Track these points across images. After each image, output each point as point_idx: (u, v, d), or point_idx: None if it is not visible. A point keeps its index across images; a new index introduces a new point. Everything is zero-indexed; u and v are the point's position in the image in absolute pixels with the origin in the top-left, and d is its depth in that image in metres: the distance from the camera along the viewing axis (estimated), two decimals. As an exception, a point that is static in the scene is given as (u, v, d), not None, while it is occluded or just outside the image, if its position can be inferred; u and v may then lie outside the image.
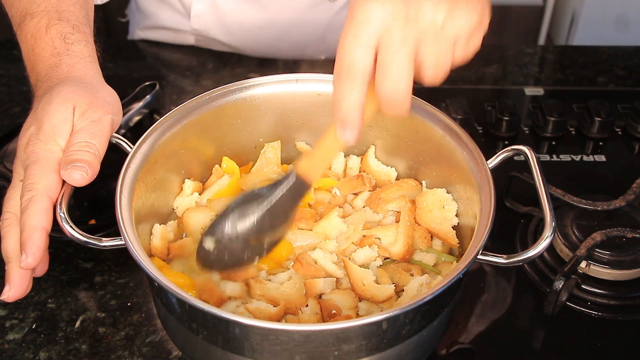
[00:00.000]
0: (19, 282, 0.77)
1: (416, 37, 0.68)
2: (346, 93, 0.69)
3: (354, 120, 0.70)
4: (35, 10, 0.93)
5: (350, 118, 0.70)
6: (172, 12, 1.48)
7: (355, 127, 0.70)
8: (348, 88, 0.69)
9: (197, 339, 0.78)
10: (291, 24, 1.41)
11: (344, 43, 0.69)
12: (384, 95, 0.69)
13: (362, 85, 0.69)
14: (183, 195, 0.96)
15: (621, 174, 1.18)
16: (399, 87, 0.68)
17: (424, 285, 0.84)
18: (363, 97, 0.69)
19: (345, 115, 0.70)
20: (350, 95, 0.69)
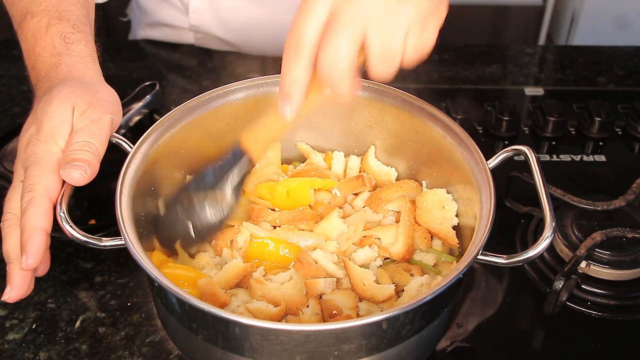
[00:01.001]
0: (20, 283, 0.77)
1: (362, 20, 0.67)
2: (289, 67, 0.70)
3: (294, 96, 0.71)
4: (35, 9, 0.93)
5: (291, 93, 0.71)
6: (171, 9, 1.48)
7: (295, 102, 0.71)
8: (292, 63, 0.70)
9: (197, 339, 0.78)
10: (288, 19, 1.41)
11: (294, 20, 0.70)
12: (322, 72, 0.69)
13: (306, 60, 0.69)
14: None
15: (621, 174, 1.19)
16: (338, 67, 0.68)
17: (424, 285, 0.84)
18: (306, 73, 0.70)
19: (286, 89, 0.71)
20: (292, 70, 0.70)
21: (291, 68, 0.70)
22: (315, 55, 0.69)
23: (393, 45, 0.69)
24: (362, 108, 0.97)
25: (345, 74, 0.68)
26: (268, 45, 1.47)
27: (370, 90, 0.96)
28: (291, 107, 0.72)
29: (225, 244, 0.88)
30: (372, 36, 0.68)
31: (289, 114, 0.72)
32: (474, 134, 1.22)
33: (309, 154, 1.03)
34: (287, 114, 0.72)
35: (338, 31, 0.68)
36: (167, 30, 1.52)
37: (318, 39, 0.69)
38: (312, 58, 0.69)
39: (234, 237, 0.89)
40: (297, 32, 0.70)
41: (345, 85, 0.69)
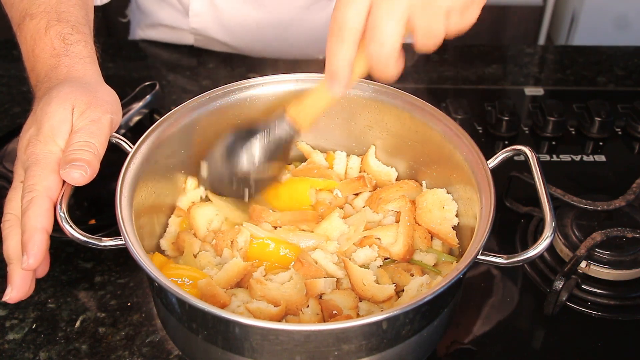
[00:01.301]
0: (20, 284, 0.77)
1: (407, 5, 0.71)
2: (336, 50, 0.74)
3: (342, 75, 0.75)
4: (34, 11, 0.93)
5: (339, 73, 0.75)
6: (171, 10, 1.48)
7: (343, 81, 0.76)
8: (338, 45, 0.73)
9: (197, 339, 0.78)
10: (289, 22, 1.41)
11: (338, 3, 0.73)
12: (371, 56, 0.73)
13: (352, 43, 0.73)
14: (186, 192, 0.96)
15: (621, 174, 1.19)
16: (385, 50, 0.72)
17: (424, 285, 0.84)
18: (351, 55, 0.74)
19: (334, 69, 0.75)
20: (339, 52, 0.74)
21: (337, 50, 0.74)
22: (359, 38, 0.73)
23: (436, 26, 0.73)
24: (362, 108, 0.98)
25: (392, 55, 0.73)
26: (268, 48, 1.47)
27: (371, 91, 0.96)
28: (340, 85, 0.76)
29: (225, 244, 0.88)
30: (417, 20, 0.72)
31: (337, 92, 0.77)
32: (474, 134, 1.22)
33: (310, 153, 1.03)
34: (336, 92, 0.77)
35: (384, 17, 0.71)
36: (167, 32, 1.52)
37: (362, 23, 0.73)
38: (357, 41, 0.73)
39: (235, 237, 0.89)
40: (341, 15, 0.73)
41: (392, 66, 0.74)
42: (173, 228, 0.93)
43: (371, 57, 0.74)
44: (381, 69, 0.75)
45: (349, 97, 0.97)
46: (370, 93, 0.96)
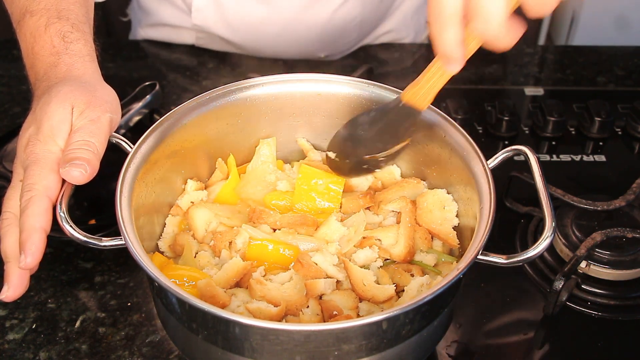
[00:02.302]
0: (17, 282, 0.77)
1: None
2: (442, 34, 0.72)
3: (456, 54, 0.74)
4: (34, 8, 0.93)
5: (451, 54, 0.73)
6: (173, 8, 1.48)
7: (459, 59, 0.74)
8: (443, 30, 0.72)
9: (197, 339, 0.78)
10: (291, 19, 1.41)
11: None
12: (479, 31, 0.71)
13: (456, 25, 0.71)
14: (186, 193, 0.96)
15: (621, 174, 1.19)
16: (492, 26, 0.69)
17: (424, 285, 0.83)
18: (459, 35, 0.72)
19: (445, 51, 0.73)
20: (446, 36, 0.72)
21: (444, 35, 0.72)
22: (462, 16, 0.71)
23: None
24: (362, 108, 0.97)
25: (501, 26, 0.70)
26: (270, 45, 1.47)
27: (370, 90, 0.96)
28: (456, 64, 0.75)
29: (223, 245, 0.88)
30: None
31: (456, 69, 0.76)
32: (474, 134, 1.22)
33: (308, 151, 1.03)
34: (455, 70, 0.76)
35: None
36: (168, 30, 1.52)
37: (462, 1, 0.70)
38: (461, 20, 0.71)
39: (233, 238, 0.89)
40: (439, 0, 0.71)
41: (504, 37, 0.70)
42: (171, 229, 0.93)
43: (479, 34, 0.71)
44: (493, 42, 0.71)
45: (348, 96, 0.97)
46: (370, 93, 0.96)
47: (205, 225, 0.92)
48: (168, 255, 0.91)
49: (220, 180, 0.99)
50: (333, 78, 0.97)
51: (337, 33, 1.46)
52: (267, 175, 0.97)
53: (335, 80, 0.97)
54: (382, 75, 1.44)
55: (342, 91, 0.97)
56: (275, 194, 0.94)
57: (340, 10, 1.42)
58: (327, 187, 0.93)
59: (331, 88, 0.97)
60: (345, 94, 0.97)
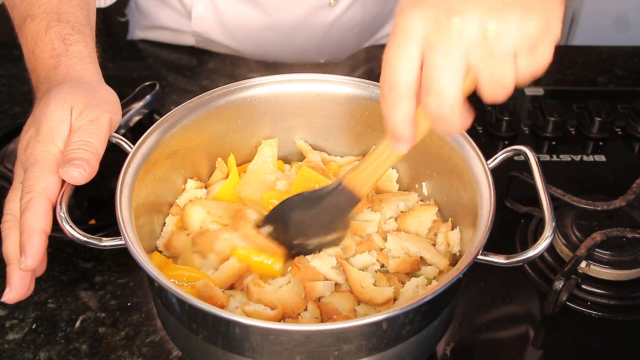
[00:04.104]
0: (19, 284, 0.77)
1: (463, 50, 0.63)
2: (393, 108, 0.68)
3: (405, 133, 0.69)
4: (35, 12, 0.93)
5: (400, 131, 0.69)
6: (172, 12, 1.48)
7: (407, 139, 0.70)
8: (394, 103, 0.67)
9: (197, 339, 0.78)
10: (291, 27, 1.41)
11: (386, 57, 0.67)
12: (430, 111, 0.66)
13: (408, 99, 0.67)
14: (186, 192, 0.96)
15: (621, 174, 1.19)
16: (445, 104, 0.65)
17: (419, 286, 0.84)
18: (410, 111, 0.67)
19: (394, 128, 0.69)
20: (397, 110, 0.67)
21: (394, 108, 0.68)
22: (416, 91, 0.67)
23: (502, 72, 0.64)
24: (362, 108, 0.97)
25: (454, 108, 0.65)
26: (270, 52, 1.47)
27: (370, 90, 0.96)
28: (404, 143, 0.71)
29: (207, 248, 0.88)
30: (479, 66, 0.64)
31: (403, 150, 0.72)
32: (474, 134, 1.22)
33: (307, 152, 1.03)
34: (401, 150, 0.72)
35: (438, 67, 0.64)
36: (167, 33, 1.52)
37: (416, 75, 0.66)
38: (414, 95, 0.67)
39: (213, 241, 0.88)
40: (391, 70, 0.66)
41: (456, 119, 0.66)
42: (170, 228, 0.93)
43: (430, 111, 0.66)
44: (444, 124, 0.67)
45: (348, 96, 0.97)
46: (370, 93, 0.96)
47: (200, 223, 0.92)
48: (167, 254, 0.91)
49: (220, 179, 0.99)
50: (333, 78, 0.97)
51: (337, 41, 1.46)
52: (267, 175, 0.97)
53: (335, 80, 0.97)
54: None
55: (342, 91, 0.97)
56: (273, 193, 0.94)
57: (340, 18, 1.42)
58: None
59: (331, 88, 0.97)
60: (345, 94, 0.97)
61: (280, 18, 1.40)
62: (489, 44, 0.63)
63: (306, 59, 1.49)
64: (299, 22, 1.40)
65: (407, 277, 0.87)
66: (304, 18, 1.40)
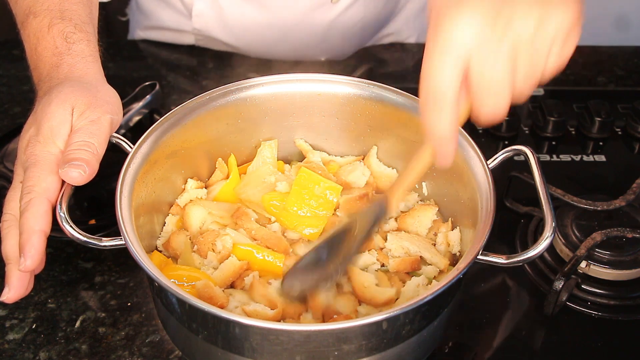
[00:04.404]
0: (18, 284, 0.77)
1: (510, 50, 0.63)
2: (439, 120, 0.66)
3: (450, 142, 0.67)
4: (38, 9, 0.93)
5: (447, 141, 0.67)
6: (172, 11, 1.48)
7: (452, 146, 0.68)
8: (440, 115, 0.66)
9: (197, 339, 0.78)
10: (292, 24, 1.41)
11: (429, 66, 0.65)
12: (484, 115, 0.66)
13: (454, 110, 0.65)
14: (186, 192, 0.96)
15: (621, 174, 1.19)
16: (500, 105, 0.65)
17: (420, 286, 0.84)
18: (455, 121, 0.66)
19: (443, 139, 0.67)
20: (442, 121, 0.66)
21: (440, 120, 0.66)
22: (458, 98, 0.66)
23: (538, 66, 0.66)
24: (362, 108, 0.97)
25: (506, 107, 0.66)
26: (271, 49, 1.47)
27: (370, 90, 0.96)
28: (450, 155, 0.69)
29: (207, 247, 0.88)
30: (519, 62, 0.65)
31: (449, 163, 0.70)
32: (474, 134, 1.22)
33: (307, 152, 1.03)
34: (448, 163, 0.70)
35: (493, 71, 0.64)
36: (168, 33, 1.52)
37: (459, 83, 0.65)
38: (457, 104, 0.66)
39: (214, 240, 0.88)
40: (436, 80, 0.65)
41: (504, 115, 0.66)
42: (170, 228, 0.93)
43: (485, 115, 0.66)
44: (494, 120, 0.67)
45: (348, 96, 0.97)
46: (370, 93, 0.96)
47: (199, 223, 0.92)
48: (166, 254, 0.91)
49: (221, 180, 0.99)
50: (333, 78, 0.97)
51: (339, 38, 1.46)
52: (267, 176, 0.97)
53: (335, 80, 0.97)
54: (383, 75, 1.44)
55: (342, 91, 0.97)
56: (274, 194, 0.94)
57: (342, 16, 1.42)
58: (322, 193, 0.93)
59: (331, 88, 0.97)
60: (345, 94, 0.97)
61: (281, 15, 1.39)
62: (531, 40, 0.63)
63: (307, 56, 1.49)
64: (300, 19, 1.40)
65: (408, 277, 0.87)
66: (305, 15, 1.40)
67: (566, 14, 0.64)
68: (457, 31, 0.63)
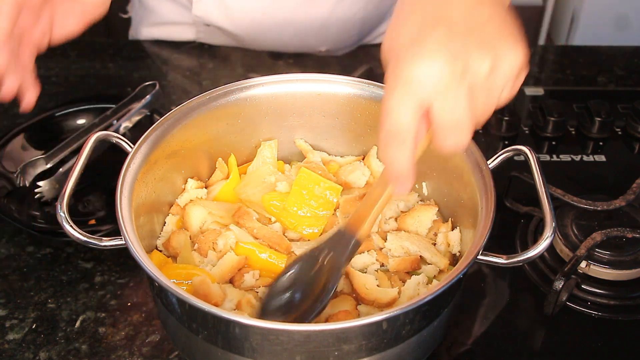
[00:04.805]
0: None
1: (469, 91, 0.66)
2: (397, 156, 0.68)
3: (408, 177, 0.69)
4: None
5: (406, 174, 0.69)
6: (173, 4, 1.48)
7: (409, 181, 0.70)
8: (398, 151, 0.67)
9: (197, 339, 0.78)
10: (293, 10, 1.41)
11: (390, 105, 0.67)
12: (447, 148, 0.68)
13: (412, 146, 0.67)
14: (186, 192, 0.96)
15: (621, 174, 1.19)
16: (463, 139, 0.67)
17: (420, 284, 0.84)
18: (413, 155, 0.68)
19: (399, 174, 0.69)
20: (401, 157, 0.68)
21: (398, 156, 0.68)
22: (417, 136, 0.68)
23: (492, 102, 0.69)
24: (362, 108, 0.98)
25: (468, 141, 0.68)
26: (273, 37, 1.46)
27: (370, 90, 0.96)
28: (407, 186, 0.70)
29: (208, 246, 0.88)
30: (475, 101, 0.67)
31: (405, 192, 0.72)
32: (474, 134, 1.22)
33: (307, 152, 1.03)
34: (404, 192, 0.72)
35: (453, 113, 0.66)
36: (169, 27, 1.52)
37: (418, 121, 0.67)
38: (416, 141, 0.68)
39: (215, 239, 0.88)
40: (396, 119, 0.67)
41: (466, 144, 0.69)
42: (170, 227, 0.93)
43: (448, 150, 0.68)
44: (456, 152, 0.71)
45: (348, 96, 0.97)
46: (370, 93, 0.96)
47: (200, 223, 0.92)
48: (166, 254, 0.91)
49: (221, 180, 0.99)
50: (333, 78, 0.97)
51: (339, 27, 1.45)
52: (267, 176, 0.97)
53: (335, 80, 0.97)
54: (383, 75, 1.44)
55: (342, 91, 0.97)
56: (274, 194, 0.94)
57: (342, 3, 1.42)
58: (323, 193, 0.93)
59: (331, 88, 0.97)
60: (345, 94, 0.97)
61: (284, 1, 1.39)
62: (485, 82, 0.67)
63: (307, 46, 1.48)
64: (301, 5, 1.40)
65: (408, 276, 0.87)
66: (306, 1, 1.39)
67: (516, 57, 0.68)
68: (418, 73, 0.65)
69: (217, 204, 0.94)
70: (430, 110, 0.66)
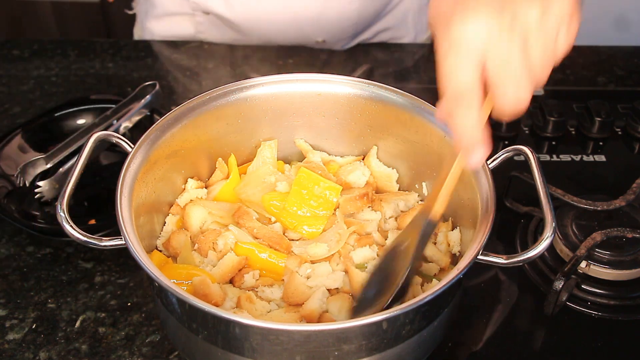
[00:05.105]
0: None
1: (521, 38, 0.65)
2: (465, 120, 0.67)
3: (480, 143, 0.68)
4: None
5: (476, 142, 0.68)
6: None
7: (482, 148, 0.69)
8: (466, 115, 0.67)
9: (197, 339, 0.78)
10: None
11: (447, 68, 0.67)
12: (508, 105, 0.67)
13: (478, 107, 0.67)
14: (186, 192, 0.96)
15: (621, 174, 1.18)
16: (523, 91, 0.67)
17: (418, 285, 0.84)
18: (481, 117, 0.68)
19: (470, 140, 0.68)
20: (470, 121, 0.67)
21: (467, 120, 0.67)
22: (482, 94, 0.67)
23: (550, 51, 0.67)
24: (362, 108, 0.98)
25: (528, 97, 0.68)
26: (272, 27, 1.46)
27: (370, 90, 0.96)
28: (482, 152, 0.69)
29: (208, 246, 0.88)
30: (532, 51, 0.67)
31: (482, 160, 0.70)
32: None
33: (307, 152, 1.03)
34: (480, 160, 0.70)
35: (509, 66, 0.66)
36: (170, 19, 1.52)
37: (480, 80, 0.67)
38: (481, 100, 0.67)
39: (215, 239, 0.88)
40: (456, 81, 0.67)
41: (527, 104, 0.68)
42: (170, 227, 0.93)
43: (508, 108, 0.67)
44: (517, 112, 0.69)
45: (348, 96, 0.97)
46: (370, 93, 0.96)
47: (200, 223, 0.92)
48: (166, 254, 0.91)
49: (221, 180, 0.99)
50: (333, 78, 0.97)
51: (335, 16, 1.45)
52: (267, 176, 0.97)
53: (335, 80, 0.97)
54: (383, 75, 1.44)
55: (342, 91, 0.97)
56: (274, 194, 0.94)
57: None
58: (322, 193, 0.93)
59: (331, 88, 0.97)
60: (345, 94, 0.97)
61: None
62: (538, 29, 0.66)
63: (304, 35, 1.48)
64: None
65: None
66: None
67: (565, 0, 0.67)
68: (468, 31, 0.66)
69: (217, 204, 0.94)
70: (486, 68, 0.66)
